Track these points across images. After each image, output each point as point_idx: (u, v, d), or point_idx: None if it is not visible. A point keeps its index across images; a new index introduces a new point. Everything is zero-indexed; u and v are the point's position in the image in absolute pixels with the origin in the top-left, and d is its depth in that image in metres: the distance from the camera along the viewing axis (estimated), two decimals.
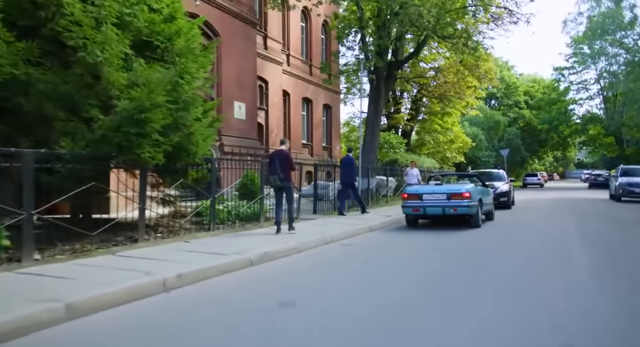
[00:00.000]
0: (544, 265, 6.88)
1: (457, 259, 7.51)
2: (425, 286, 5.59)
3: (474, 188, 12.36)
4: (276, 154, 9.28)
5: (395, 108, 31.54)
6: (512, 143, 47.21)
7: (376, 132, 19.53)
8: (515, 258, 7.60)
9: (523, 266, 6.85)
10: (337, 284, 5.75)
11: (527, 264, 6.99)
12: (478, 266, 6.85)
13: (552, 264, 6.97)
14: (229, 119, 14.89)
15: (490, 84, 27.70)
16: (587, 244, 8.97)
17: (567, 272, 6.32)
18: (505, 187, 18.70)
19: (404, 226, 12.50)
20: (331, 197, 15.72)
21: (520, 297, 5.03)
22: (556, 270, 6.47)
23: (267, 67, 20.80)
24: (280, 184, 9.06)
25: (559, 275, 6.13)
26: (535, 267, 6.74)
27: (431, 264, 7.16)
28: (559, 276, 6.06)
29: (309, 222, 11.61)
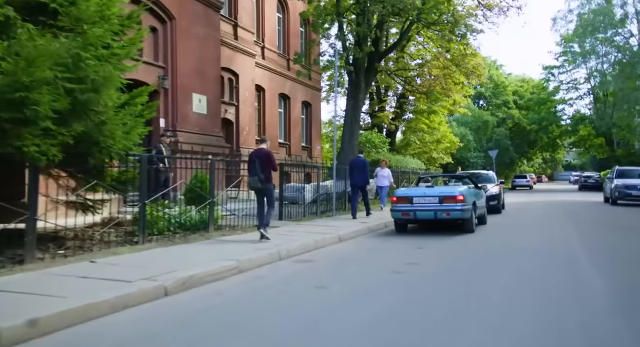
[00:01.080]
0: (548, 290, 5.28)
1: (437, 282, 5.88)
2: (378, 335, 3.94)
3: (468, 191, 11.16)
4: (256, 154, 8.57)
5: (379, 106, 29.99)
6: (500, 144, 45.94)
7: (355, 129, 17.91)
8: (515, 282, 5.99)
9: (526, 296, 5.22)
10: (255, 335, 4.08)
11: (530, 293, 5.37)
12: (465, 295, 5.21)
13: (560, 287, 5.37)
14: (187, 113, 13.20)
15: (479, 81, 26.24)
16: (596, 259, 7.39)
17: (581, 300, 4.72)
18: (495, 189, 17.18)
19: (383, 233, 10.92)
20: (307, 201, 14.11)
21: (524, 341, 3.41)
22: (568, 298, 4.87)
23: (237, 58, 19.10)
24: (261, 185, 8.41)
25: (572, 305, 4.53)
26: (538, 293, 5.13)
27: (396, 293, 5.48)
28: (572, 307, 4.45)
29: (268, 232, 9.91)
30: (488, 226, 12.59)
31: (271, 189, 8.66)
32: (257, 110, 22.23)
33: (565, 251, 8.30)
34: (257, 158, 8.42)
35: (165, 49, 12.53)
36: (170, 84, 12.74)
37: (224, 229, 9.80)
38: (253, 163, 8.43)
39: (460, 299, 5.02)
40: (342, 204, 15.85)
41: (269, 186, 8.55)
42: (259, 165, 8.37)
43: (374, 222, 12.39)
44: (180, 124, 12.89)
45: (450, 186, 12.43)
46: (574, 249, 8.59)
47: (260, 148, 8.74)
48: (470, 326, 4.08)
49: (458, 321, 4.24)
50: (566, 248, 8.67)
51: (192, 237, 8.55)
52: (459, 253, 8.25)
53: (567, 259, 7.50)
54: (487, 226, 12.56)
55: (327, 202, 14.98)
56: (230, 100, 19.07)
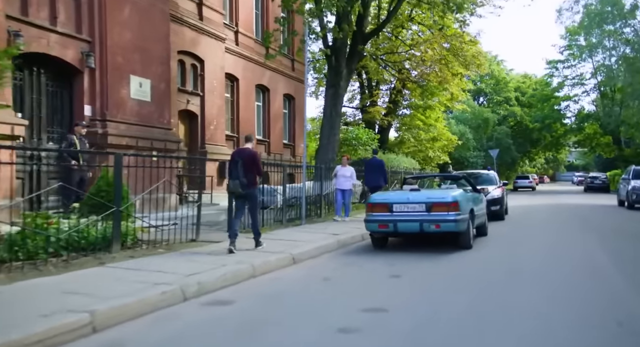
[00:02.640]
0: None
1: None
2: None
3: (464, 195, 8.78)
4: (239, 153, 7.72)
5: (370, 101, 27.56)
6: (502, 143, 43.51)
7: (336, 123, 15.51)
8: (534, 341, 3.59)
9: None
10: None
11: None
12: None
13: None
14: (122, 99, 10.82)
15: (479, 71, 23.82)
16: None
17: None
18: (497, 192, 14.80)
19: (354, 250, 8.53)
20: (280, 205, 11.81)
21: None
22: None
23: (202, 42, 16.70)
24: (242, 191, 7.47)
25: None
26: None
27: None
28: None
29: (197, 253, 7.53)
30: (489, 238, 10.21)
31: (255, 195, 7.74)
32: (230, 103, 19.82)
33: (599, 281, 5.89)
34: (240, 159, 7.48)
35: (92, 19, 10.13)
36: (99, 62, 10.34)
37: (140, 246, 7.40)
38: (235, 164, 7.49)
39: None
40: (316, 209, 13.46)
41: (253, 191, 7.60)
42: (242, 167, 7.42)
43: (350, 233, 10.02)
44: (112, 112, 10.49)
45: (442, 189, 10.00)
46: (609, 276, 6.18)
47: (245, 147, 7.82)
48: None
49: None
50: (598, 275, 6.26)
51: (79, 262, 6.15)
52: (448, 285, 5.84)
53: (606, 294, 5.09)
54: (488, 239, 10.19)
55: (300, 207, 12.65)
56: (194, 89, 16.67)
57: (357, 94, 31.06)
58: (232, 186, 7.52)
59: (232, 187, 7.53)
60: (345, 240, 9.44)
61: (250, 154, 7.64)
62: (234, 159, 7.61)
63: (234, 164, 7.55)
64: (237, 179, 7.45)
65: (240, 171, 7.47)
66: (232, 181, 7.50)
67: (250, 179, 7.51)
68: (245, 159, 7.52)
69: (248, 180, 7.47)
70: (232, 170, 7.58)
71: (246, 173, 7.47)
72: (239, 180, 7.45)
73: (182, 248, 7.60)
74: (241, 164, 7.48)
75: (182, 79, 16.17)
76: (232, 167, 7.58)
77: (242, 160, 7.50)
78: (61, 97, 10.03)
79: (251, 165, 7.53)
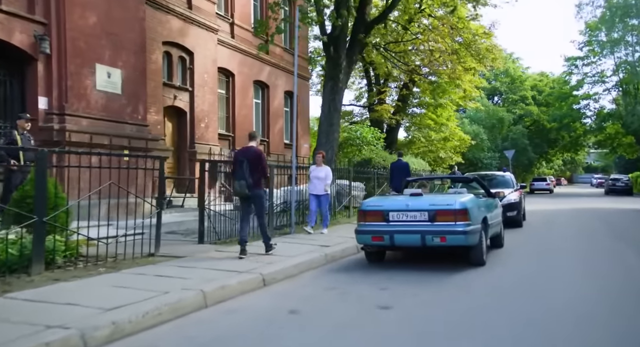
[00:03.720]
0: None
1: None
2: None
3: (475, 201, 7.35)
4: (243, 153, 7.38)
5: (378, 99, 26.08)
6: (517, 143, 41.66)
7: (335, 120, 14.10)
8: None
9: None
10: None
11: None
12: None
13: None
14: (85, 91, 9.55)
15: (493, 66, 22.21)
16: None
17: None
18: (514, 196, 13.27)
19: (343, 267, 7.11)
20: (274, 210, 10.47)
21: None
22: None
23: (191, 33, 15.41)
24: (248, 192, 7.14)
25: None
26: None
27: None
28: None
29: (142, 274, 6.18)
30: (506, 251, 8.73)
31: (261, 197, 7.35)
32: (225, 100, 18.52)
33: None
34: (245, 158, 7.15)
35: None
36: (56, 48, 9.06)
37: (76, 265, 6.05)
38: (240, 164, 7.16)
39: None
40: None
41: (259, 192, 7.25)
42: (247, 167, 7.10)
43: (343, 244, 8.60)
44: (73, 106, 9.20)
45: (449, 194, 8.52)
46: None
47: (249, 146, 7.42)
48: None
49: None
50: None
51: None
52: (452, 326, 4.38)
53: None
54: (504, 251, 8.71)
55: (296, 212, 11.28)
56: (182, 84, 15.38)
57: (365, 92, 29.66)
58: (237, 187, 7.15)
59: (237, 189, 7.17)
60: (334, 253, 8.02)
61: (256, 153, 7.25)
62: (238, 159, 7.23)
63: (239, 164, 7.17)
64: (243, 179, 7.08)
65: (245, 171, 7.10)
66: (238, 182, 7.13)
67: (256, 179, 7.16)
68: (250, 158, 7.15)
69: (254, 180, 7.12)
70: (236, 171, 7.21)
71: (252, 173, 7.11)
72: (245, 180, 7.07)
73: (132, 266, 6.25)
74: (246, 164, 7.11)
75: (169, 73, 14.89)
76: (237, 168, 7.20)
77: (247, 160, 7.12)
78: (10, 87, 8.78)
79: (257, 165, 7.17)
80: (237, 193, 7.32)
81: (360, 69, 28.66)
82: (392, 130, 26.60)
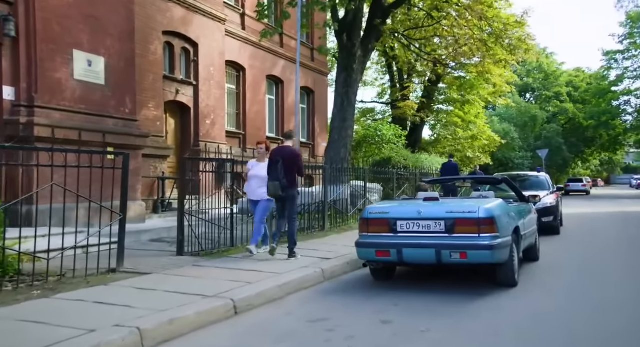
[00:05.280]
0: None
1: None
2: None
3: (504, 208, 6.09)
4: (279, 152, 7.16)
5: (401, 95, 24.61)
6: (551, 142, 39.40)
7: (349, 115, 12.81)
8: None
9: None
10: None
11: None
12: None
13: None
14: (60, 80, 8.52)
15: (526, 58, 20.50)
16: None
17: None
18: (550, 199, 11.75)
19: (341, 286, 5.82)
20: None
21: None
22: None
23: (195, 22, 14.36)
24: (282, 193, 6.93)
25: None
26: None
27: None
28: None
29: (80, 301, 5.05)
30: (542, 265, 7.34)
31: (295, 198, 7.26)
32: (235, 95, 17.44)
33: None
34: (281, 158, 7.05)
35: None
36: (24, 31, 8.04)
37: (6, 286, 4.94)
38: (275, 164, 7.05)
39: None
40: (318, 220, 10.80)
41: (293, 193, 7.17)
42: (282, 167, 7.00)
43: (347, 257, 7.31)
44: (44, 97, 8.18)
45: (473, 198, 7.09)
46: None
47: (285, 146, 7.40)
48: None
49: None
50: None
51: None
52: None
53: None
54: (540, 266, 7.32)
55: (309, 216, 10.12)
56: (186, 77, 14.34)
57: (388, 89, 28.22)
58: (271, 187, 6.97)
59: (271, 189, 6.98)
60: (335, 269, 6.75)
61: (292, 153, 7.18)
62: (274, 159, 7.08)
63: (274, 163, 7.02)
64: (277, 179, 6.93)
65: (280, 171, 6.97)
66: (272, 182, 6.97)
67: (291, 179, 7.04)
68: (285, 158, 7.01)
69: (288, 181, 6.98)
70: (271, 171, 7.04)
71: (286, 173, 6.97)
72: (279, 181, 6.92)
73: (78, 287, 5.13)
74: (282, 164, 6.96)
75: (171, 65, 13.87)
76: (272, 168, 7.04)
77: (282, 159, 6.98)
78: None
79: (292, 165, 7.04)
80: (271, 194, 7.10)
81: (383, 64, 27.28)
82: (416, 129, 25.10)
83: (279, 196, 7.02)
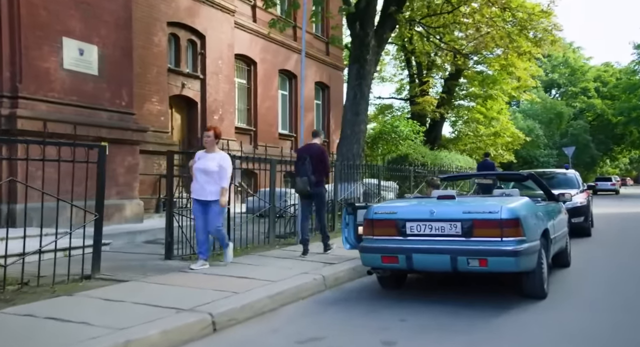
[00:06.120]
0: None
1: None
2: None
3: (531, 207, 5.31)
4: (306, 150, 7.30)
5: (420, 90, 23.73)
6: (578, 139, 37.94)
7: (362, 109, 12.09)
8: None
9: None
10: None
11: None
12: None
13: None
14: (46, 70, 7.99)
15: (553, 50, 19.45)
16: None
17: None
18: (580, 198, 10.82)
19: (344, 295, 5.08)
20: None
21: None
22: None
23: (202, 13, 13.78)
24: (310, 190, 7.00)
25: None
26: None
27: None
28: None
29: (31, 315, 4.42)
30: (573, 272, 6.53)
31: (323, 195, 7.37)
32: (246, 90, 16.83)
33: None
34: (308, 155, 7.11)
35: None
36: (7, 16, 7.53)
37: None
38: (302, 161, 7.12)
39: None
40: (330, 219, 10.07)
41: (321, 190, 7.24)
42: (310, 164, 7.04)
43: (353, 262, 6.55)
44: (29, 87, 7.65)
45: (494, 196, 6.24)
46: None
47: (312, 143, 7.47)
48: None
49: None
50: None
51: None
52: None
53: None
54: (571, 273, 6.52)
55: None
56: (192, 71, 13.77)
57: (406, 85, 27.34)
58: (300, 184, 7.08)
59: (300, 186, 7.10)
60: (339, 275, 6.04)
61: (319, 150, 7.26)
62: (301, 156, 7.19)
63: (301, 161, 7.13)
64: (306, 176, 7.02)
65: (308, 169, 7.05)
66: (300, 178, 7.07)
67: (319, 176, 7.14)
68: (313, 155, 7.10)
69: (316, 178, 7.08)
70: (299, 168, 7.16)
71: (314, 170, 7.05)
72: (307, 177, 7.01)
73: (39, 297, 4.51)
74: (309, 161, 7.05)
75: (176, 58, 13.31)
76: (299, 165, 7.15)
77: (309, 157, 7.07)
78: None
79: (319, 162, 7.12)
80: (299, 190, 7.21)
81: (402, 59, 26.42)
82: (435, 125, 24.19)
83: (306, 192, 7.06)
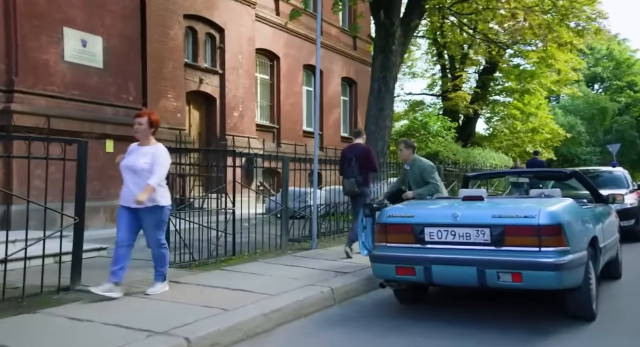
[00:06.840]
0: None
1: None
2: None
3: (575, 210, 4.50)
4: (351, 150, 7.16)
5: (453, 85, 22.67)
6: (624, 136, 35.81)
7: (386, 102, 11.31)
8: None
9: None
10: None
11: None
12: None
13: None
14: (45, 62, 7.56)
15: (597, 40, 18.13)
16: None
17: None
18: (630, 198, 9.81)
19: (350, 313, 4.41)
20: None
21: None
22: None
23: (220, 6, 13.28)
24: (358, 190, 7.00)
25: None
26: None
27: None
28: None
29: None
30: (626, 284, 5.63)
31: (367, 195, 7.11)
32: (269, 86, 16.26)
33: None
34: (354, 156, 6.96)
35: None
36: (2, 4, 7.12)
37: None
38: (348, 162, 6.99)
39: None
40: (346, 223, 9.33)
41: (366, 190, 7.10)
42: (356, 164, 6.94)
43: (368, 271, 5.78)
44: (26, 81, 7.23)
45: (530, 197, 5.32)
46: None
47: (356, 143, 7.25)
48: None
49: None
50: None
51: None
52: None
53: None
54: (623, 285, 5.62)
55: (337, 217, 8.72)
56: (211, 65, 13.29)
57: (438, 80, 26.28)
58: (347, 185, 7.07)
59: (347, 187, 7.09)
60: (351, 286, 5.31)
61: (364, 150, 7.18)
62: (347, 157, 7.11)
63: (347, 161, 7.06)
64: (353, 177, 6.99)
65: (354, 169, 6.99)
66: (347, 180, 7.04)
67: (365, 176, 7.09)
68: (359, 156, 7.01)
69: (363, 178, 7.03)
70: (345, 169, 7.11)
71: (361, 171, 7.01)
72: (354, 178, 6.97)
73: (0, 314, 3.95)
74: (355, 161, 6.99)
75: (194, 52, 12.86)
76: (345, 166, 7.10)
77: (355, 157, 7.00)
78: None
79: (365, 162, 7.02)
80: (347, 192, 7.19)
81: (433, 53, 25.38)
82: (469, 122, 23.07)
83: (355, 192, 7.00)
